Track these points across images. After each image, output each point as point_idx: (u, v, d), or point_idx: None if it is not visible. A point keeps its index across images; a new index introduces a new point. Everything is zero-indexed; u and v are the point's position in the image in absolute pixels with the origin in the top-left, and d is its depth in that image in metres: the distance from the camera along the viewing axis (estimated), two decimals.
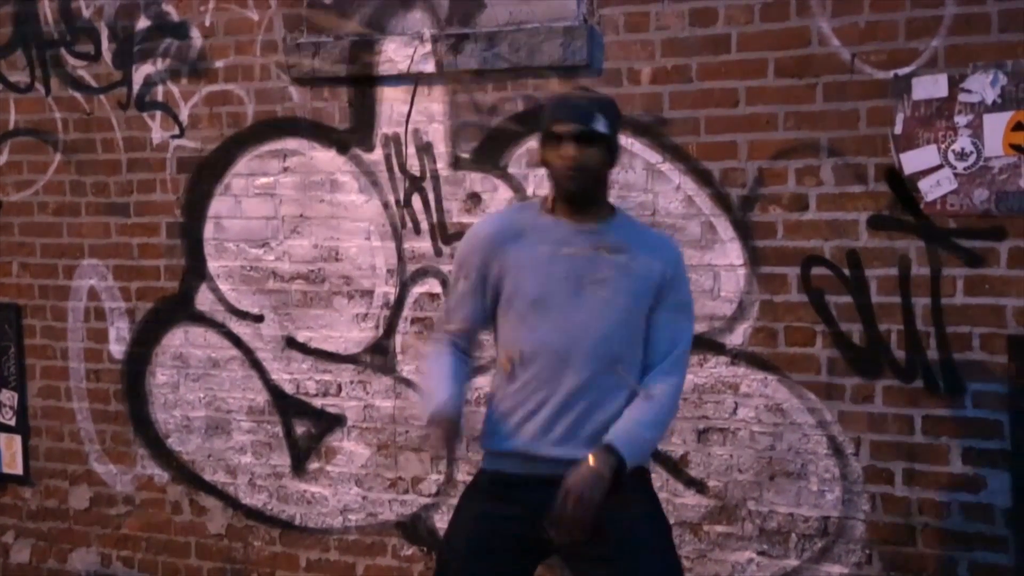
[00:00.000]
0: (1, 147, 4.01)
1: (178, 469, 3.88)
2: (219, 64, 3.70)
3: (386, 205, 3.53)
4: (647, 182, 3.20)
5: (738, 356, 3.13)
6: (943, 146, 2.89)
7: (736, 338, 3.14)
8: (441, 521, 3.47)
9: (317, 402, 3.67)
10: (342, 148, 3.57)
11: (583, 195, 2.21)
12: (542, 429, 2.21)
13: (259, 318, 3.71)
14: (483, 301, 2.29)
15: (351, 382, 3.62)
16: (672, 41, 3.14)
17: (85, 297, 3.94)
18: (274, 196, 3.67)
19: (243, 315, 3.74)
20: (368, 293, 3.58)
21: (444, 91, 3.41)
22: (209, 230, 3.77)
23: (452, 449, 2.12)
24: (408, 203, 3.50)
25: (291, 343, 3.68)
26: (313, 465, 3.69)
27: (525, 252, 2.22)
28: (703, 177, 3.15)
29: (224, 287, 3.76)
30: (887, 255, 2.97)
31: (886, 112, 2.93)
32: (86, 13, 3.83)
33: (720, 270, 3.14)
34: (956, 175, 2.88)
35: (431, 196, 3.47)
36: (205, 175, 3.75)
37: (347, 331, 3.60)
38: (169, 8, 3.75)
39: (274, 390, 3.73)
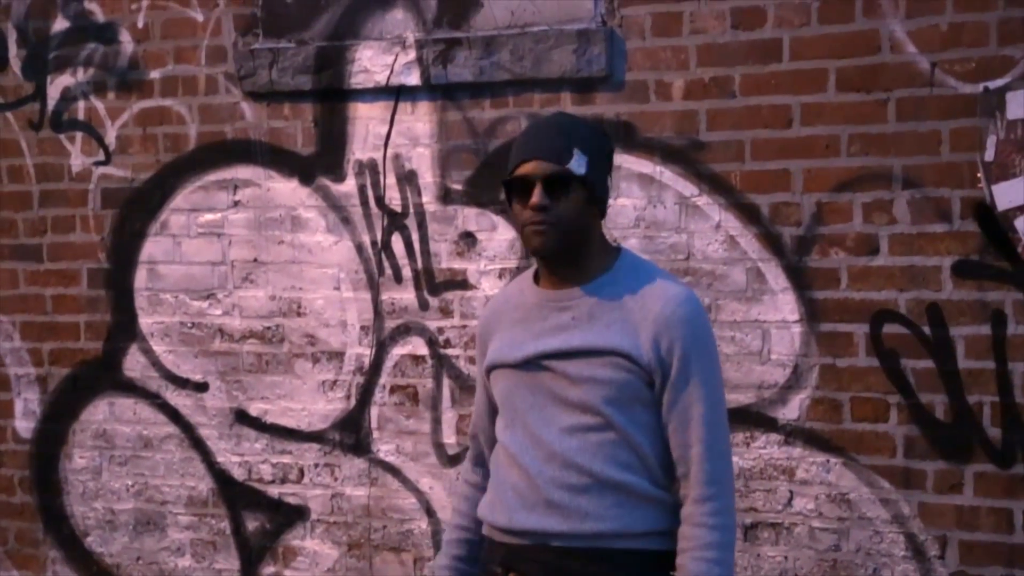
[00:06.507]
0: None
1: (99, 575, 3.83)
2: (154, 75, 3.71)
3: (360, 247, 3.54)
4: (680, 219, 3.20)
5: (793, 434, 3.13)
6: None
7: (791, 411, 3.14)
8: None
9: (273, 490, 3.64)
10: (306, 177, 3.59)
11: (557, 257, 2.10)
12: None
13: (202, 386, 3.69)
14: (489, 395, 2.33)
15: (316, 465, 3.61)
16: (710, 47, 3.16)
17: None
18: (222, 236, 3.67)
19: (182, 383, 3.71)
20: (338, 355, 3.57)
21: (431, 108, 3.45)
22: (141, 278, 3.76)
23: None
24: (387, 245, 3.52)
25: (241, 417, 3.67)
26: (268, 570, 3.67)
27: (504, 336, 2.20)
28: (749, 213, 3.16)
29: (159, 348, 3.73)
30: (977, 309, 2.96)
31: (974, 134, 2.95)
32: None
33: (771, 327, 3.14)
34: None
35: (415, 236, 3.49)
36: (136, 211, 3.76)
37: (311, 402, 3.58)
38: (92, 6, 3.76)
39: (220, 476, 3.70)
